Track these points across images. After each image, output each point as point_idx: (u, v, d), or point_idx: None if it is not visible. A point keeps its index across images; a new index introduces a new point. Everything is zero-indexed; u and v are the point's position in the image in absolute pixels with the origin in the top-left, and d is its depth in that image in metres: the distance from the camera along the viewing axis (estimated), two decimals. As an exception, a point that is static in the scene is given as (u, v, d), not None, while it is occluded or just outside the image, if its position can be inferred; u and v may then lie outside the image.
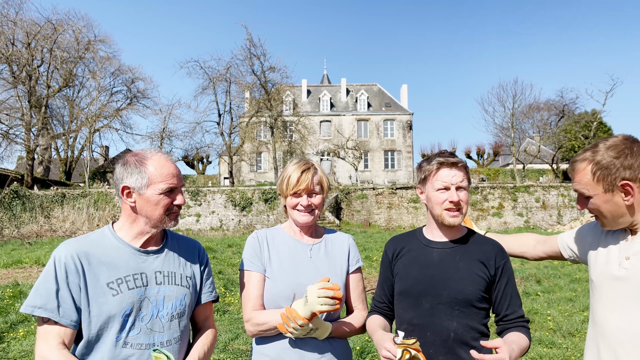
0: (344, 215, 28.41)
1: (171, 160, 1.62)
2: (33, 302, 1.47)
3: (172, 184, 1.58)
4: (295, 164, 1.89)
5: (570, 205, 28.28)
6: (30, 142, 31.57)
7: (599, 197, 1.52)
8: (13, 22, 31.67)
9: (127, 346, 1.54)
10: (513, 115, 37.72)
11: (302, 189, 1.83)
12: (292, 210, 1.88)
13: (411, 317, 1.78)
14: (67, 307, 1.48)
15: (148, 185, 1.55)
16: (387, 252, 1.95)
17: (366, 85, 48.55)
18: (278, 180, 1.93)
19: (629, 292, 1.52)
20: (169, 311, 1.62)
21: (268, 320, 1.77)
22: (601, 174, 1.49)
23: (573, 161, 1.59)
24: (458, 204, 1.73)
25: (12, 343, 5.26)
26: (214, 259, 11.75)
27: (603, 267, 1.63)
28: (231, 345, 5.18)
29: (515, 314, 1.76)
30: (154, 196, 1.55)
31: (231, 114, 35.59)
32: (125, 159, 1.60)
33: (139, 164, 1.56)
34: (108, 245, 1.60)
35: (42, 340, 1.47)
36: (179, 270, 1.69)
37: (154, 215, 1.58)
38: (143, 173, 1.55)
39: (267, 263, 1.87)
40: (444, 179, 1.74)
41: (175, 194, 1.61)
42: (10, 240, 18.63)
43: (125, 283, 1.55)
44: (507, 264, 1.80)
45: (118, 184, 1.59)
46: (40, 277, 1.52)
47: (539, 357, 4.77)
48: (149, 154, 1.60)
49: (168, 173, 1.57)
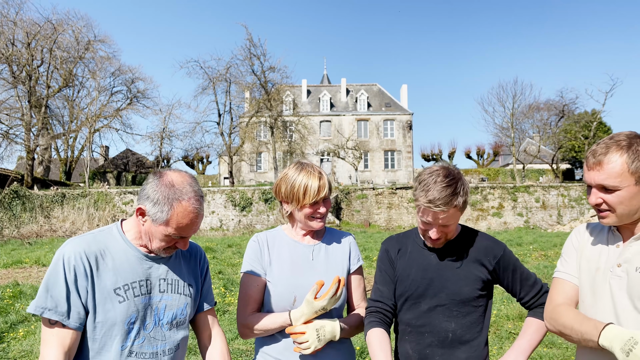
0: (344, 215, 28.42)
1: (199, 210, 1.51)
2: (43, 303, 1.44)
3: (184, 234, 1.53)
4: (303, 171, 1.81)
5: (570, 205, 28.29)
6: (30, 142, 31.57)
7: (628, 190, 1.48)
8: (13, 22, 31.70)
9: (133, 355, 1.51)
10: (513, 115, 37.74)
11: (322, 198, 1.80)
12: (307, 219, 1.83)
13: (409, 318, 1.78)
14: (77, 311, 1.46)
15: (162, 224, 1.49)
16: (389, 251, 1.90)
17: (366, 85, 48.55)
18: (282, 185, 1.84)
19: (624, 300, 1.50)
20: (169, 320, 1.60)
21: (266, 325, 1.78)
22: (635, 165, 1.45)
23: (596, 154, 1.52)
24: (437, 240, 1.74)
25: (12, 343, 5.26)
26: (214, 259, 11.76)
27: (594, 274, 1.60)
28: (231, 345, 5.18)
29: (530, 294, 1.80)
30: (161, 234, 1.51)
31: (231, 114, 35.64)
32: (161, 181, 1.50)
33: (168, 201, 1.47)
34: (116, 247, 1.56)
35: (48, 345, 1.43)
36: (181, 278, 1.66)
37: (152, 243, 1.55)
38: (165, 213, 1.47)
39: (267, 266, 1.86)
40: (427, 219, 1.69)
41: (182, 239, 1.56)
42: (10, 240, 18.63)
43: (132, 290, 1.53)
44: (505, 253, 1.80)
45: (141, 198, 1.52)
46: (49, 277, 1.47)
47: (539, 357, 4.77)
48: (185, 194, 1.48)
49: (187, 224, 1.50)
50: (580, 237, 1.73)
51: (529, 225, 27.99)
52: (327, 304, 1.71)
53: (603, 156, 1.51)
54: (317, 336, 1.71)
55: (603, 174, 1.51)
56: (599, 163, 1.52)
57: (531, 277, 1.82)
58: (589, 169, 1.55)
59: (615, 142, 1.50)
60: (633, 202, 1.50)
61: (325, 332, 1.72)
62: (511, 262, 1.80)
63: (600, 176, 1.52)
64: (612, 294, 1.53)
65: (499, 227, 27.71)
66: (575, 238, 1.74)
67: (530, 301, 1.80)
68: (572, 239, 1.75)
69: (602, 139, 1.57)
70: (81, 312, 1.47)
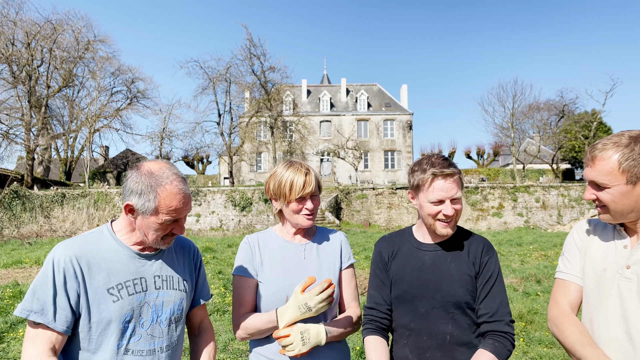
0: (344, 215, 28.42)
1: (184, 190, 1.52)
2: (29, 306, 1.43)
3: (176, 216, 1.53)
4: (291, 168, 1.83)
5: (570, 205, 28.29)
6: (30, 142, 31.55)
7: (618, 189, 1.45)
8: (13, 22, 31.68)
9: (129, 353, 1.52)
10: (513, 116, 37.73)
11: (307, 193, 1.81)
12: (295, 215, 1.84)
13: (407, 321, 1.77)
14: (63, 314, 1.45)
15: (152, 214, 1.50)
16: (382, 253, 1.88)
17: (366, 85, 48.55)
18: (270, 183, 1.87)
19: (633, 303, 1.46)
20: (167, 316, 1.61)
21: (254, 324, 1.78)
22: (628, 164, 1.42)
23: (593, 149, 1.50)
24: (450, 220, 1.71)
25: (12, 343, 5.26)
26: (214, 259, 11.76)
27: (601, 274, 1.56)
28: (231, 345, 5.18)
29: (485, 315, 1.68)
30: (154, 223, 1.51)
31: (231, 114, 35.60)
32: (139, 173, 1.50)
33: (151, 189, 1.48)
34: (107, 248, 1.56)
35: (31, 343, 1.42)
36: (176, 274, 1.67)
37: (148, 237, 1.55)
38: (152, 201, 1.48)
39: (259, 268, 1.86)
40: (438, 192, 1.67)
41: (177, 223, 1.57)
42: (10, 240, 18.64)
43: (126, 288, 1.53)
44: (491, 259, 1.75)
45: (125, 195, 1.52)
46: (38, 279, 1.48)
47: (539, 357, 4.77)
48: (166, 178, 1.49)
49: (176, 207, 1.50)
50: (583, 235, 1.68)
51: (529, 225, 27.98)
52: (313, 303, 1.68)
53: (598, 152, 1.49)
54: (301, 338, 1.69)
55: (595, 171, 1.50)
56: (592, 159, 1.50)
57: (500, 299, 1.69)
58: (585, 164, 1.55)
59: (614, 140, 1.47)
60: (625, 202, 1.46)
61: (310, 336, 1.71)
62: (491, 270, 1.74)
63: (591, 172, 1.51)
64: (620, 296, 1.49)
65: (499, 227, 27.70)
66: (577, 236, 1.70)
67: (484, 323, 1.68)
68: (575, 236, 1.71)
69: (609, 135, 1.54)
70: (69, 316, 1.46)
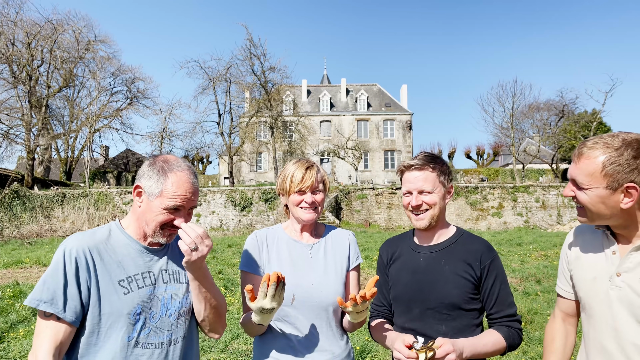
0: (344, 215, 28.42)
1: (193, 180, 1.59)
2: (39, 295, 1.44)
3: (179, 204, 1.55)
4: (296, 163, 1.89)
5: (570, 205, 28.27)
6: (30, 142, 31.56)
7: (596, 192, 1.38)
8: (13, 22, 31.69)
9: (139, 346, 1.53)
10: (513, 116, 37.75)
11: (306, 186, 1.83)
12: (295, 208, 1.87)
13: (402, 321, 1.81)
14: (73, 304, 1.45)
15: (157, 196, 1.54)
16: (382, 257, 1.96)
17: (366, 85, 48.56)
18: (278, 179, 1.93)
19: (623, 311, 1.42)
20: (176, 309, 1.63)
21: (246, 319, 1.77)
22: (612, 169, 1.34)
23: (582, 145, 1.42)
24: (418, 207, 1.75)
25: (12, 343, 5.26)
26: (214, 259, 11.77)
27: (591, 284, 1.51)
28: (231, 345, 5.19)
29: (500, 313, 1.72)
30: (157, 208, 1.54)
31: (231, 114, 35.60)
32: (155, 160, 1.59)
33: (162, 172, 1.55)
34: (118, 241, 1.59)
35: (41, 337, 1.43)
36: (182, 269, 1.70)
37: (149, 225, 1.57)
38: (160, 183, 1.54)
39: (266, 264, 1.87)
40: (405, 184, 1.78)
41: (179, 214, 1.58)
42: (11, 240, 18.65)
43: (135, 282, 1.55)
44: (495, 262, 1.75)
45: (137, 178, 1.60)
46: (49, 270, 1.48)
47: (538, 356, 4.78)
48: (177, 167, 1.57)
49: (181, 194, 1.54)
50: (573, 246, 1.65)
51: (529, 225, 27.99)
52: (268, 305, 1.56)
53: (586, 150, 1.41)
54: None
55: (577, 169, 1.43)
56: (579, 155, 1.43)
57: (509, 299, 1.74)
58: (572, 159, 1.48)
59: (606, 140, 1.39)
60: (600, 207, 1.40)
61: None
62: (496, 272, 1.75)
63: (574, 170, 1.44)
64: (610, 305, 1.45)
65: (498, 227, 27.71)
66: (567, 249, 1.67)
67: (498, 320, 1.73)
68: (566, 249, 1.68)
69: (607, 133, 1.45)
70: (78, 307, 1.47)
